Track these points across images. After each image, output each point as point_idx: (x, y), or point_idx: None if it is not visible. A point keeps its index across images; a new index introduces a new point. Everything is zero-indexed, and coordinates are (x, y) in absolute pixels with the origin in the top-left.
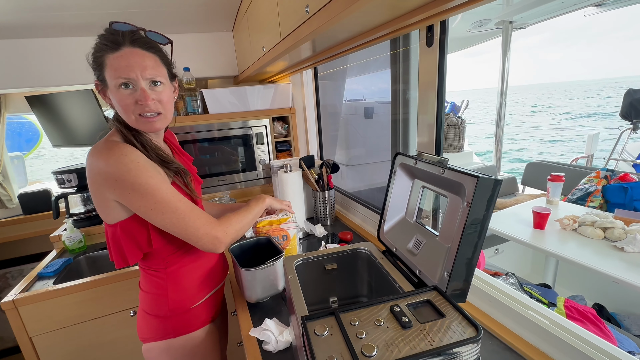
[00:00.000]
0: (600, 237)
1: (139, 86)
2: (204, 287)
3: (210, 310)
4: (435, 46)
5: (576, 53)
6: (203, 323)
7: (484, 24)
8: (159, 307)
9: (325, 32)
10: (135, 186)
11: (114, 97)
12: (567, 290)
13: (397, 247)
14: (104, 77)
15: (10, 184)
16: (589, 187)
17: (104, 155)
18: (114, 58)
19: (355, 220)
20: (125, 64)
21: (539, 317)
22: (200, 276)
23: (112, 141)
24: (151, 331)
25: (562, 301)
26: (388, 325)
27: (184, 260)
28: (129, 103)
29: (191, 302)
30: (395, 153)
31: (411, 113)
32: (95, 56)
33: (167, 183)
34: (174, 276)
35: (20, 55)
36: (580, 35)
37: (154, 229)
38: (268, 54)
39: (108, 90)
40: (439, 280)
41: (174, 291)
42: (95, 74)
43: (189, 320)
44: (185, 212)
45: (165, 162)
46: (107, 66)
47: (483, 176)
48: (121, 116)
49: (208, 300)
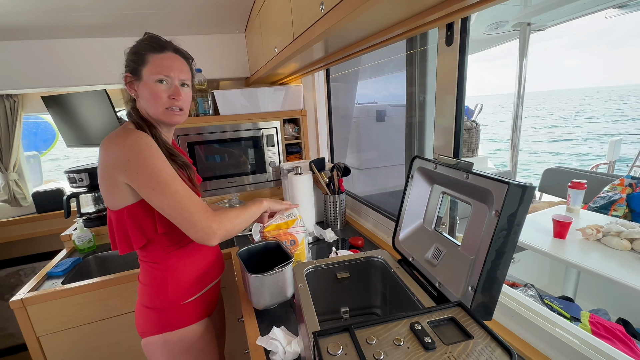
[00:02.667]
0: (627, 248)
1: (173, 84)
2: (201, 282)
3: (206, 305)
4: (455, 45)
5: (596, 59)
6: (199, 317)
7: (501, 26)
8: (158, 299)
9: (339, 30)
10: (144, 165)
11: (147, 89)
12: (588, 304)
13: (415, 256)
14: (140, 71)
15: (25, 183)
16: (613, 195)
17: (120, 140)
18: (158, 58)
19: (366, 225)
20: (168, 64)
21: (567, 335)
22: (198, 270)
23: (127, 129)
24: (149, 324)
25: (587, 316)
26: (409, 346)
27: (183, 253)
28: (162, 96)
29: (188, 295)
30: (412, 156)
31: (427, 116)
32: (138, 52)
33: (172, 169)
34: (173, 268)
35: (36, 55)
36: (599, 40)
37: (160, 215)
38: (280, 54)
39: (141, 83)
40: (463, 295)
41: (172, 283)
42: (128, 68)
43: (186, 313)
44: (184, 196)
45: (173, 155)
46: (148, 63)
47: (515, 182)
48: (148, 107)
49: (204, 295)
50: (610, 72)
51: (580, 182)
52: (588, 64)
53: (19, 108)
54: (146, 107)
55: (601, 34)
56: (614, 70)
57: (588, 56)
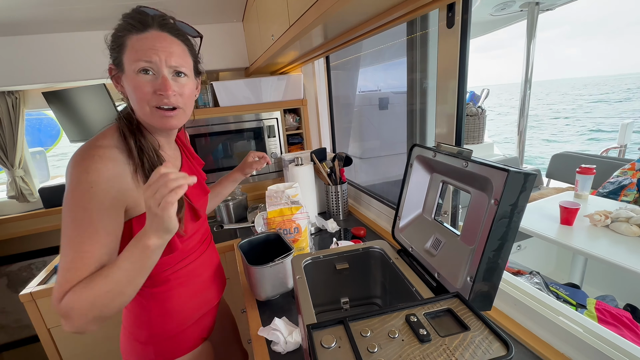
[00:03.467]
0: (636, 234)
1: (160, 73)
2: (194, 310)
3: (202, 330)
4: (456, 28)
5: (595, 47)
6: (192, 347)
7: (508, 7)
8: (139, 330)
9: (336, 14)
10: (68, 200)
11: (129, 84)
12: (595, 290)
13: (414, 246)
14: (121, 60)
15: (31, 178)
16: (623, 180)
17: (75, 161)
18: (138, 39)
19: (369, 215)
20: (150, 47)
21: (571, 323)
22: (192, 297)
23: (95, 147)
24: (131, 353)
25: (593, 303)
26: (403, 338)
27: (174, 279)
28: (146, 92)
29: (178, 327)
30: (412, 145)
31: (429, 103)
32: (115, 36)
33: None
34: (160, 298)
35: (35, 51)
36: (599, 29)
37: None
38: (277, 42)
39: (123, 75)
40: (462, 285)
41: (158, 315)
42: (111, 57)
43: (175, 345)
44: (61, 263)
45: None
46: (127, 47)
47: (514, 170)
48: (134, 108)
49: (199, 320)
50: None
51: (588, 167)
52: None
53: (21, 104)
54: (134, 109)
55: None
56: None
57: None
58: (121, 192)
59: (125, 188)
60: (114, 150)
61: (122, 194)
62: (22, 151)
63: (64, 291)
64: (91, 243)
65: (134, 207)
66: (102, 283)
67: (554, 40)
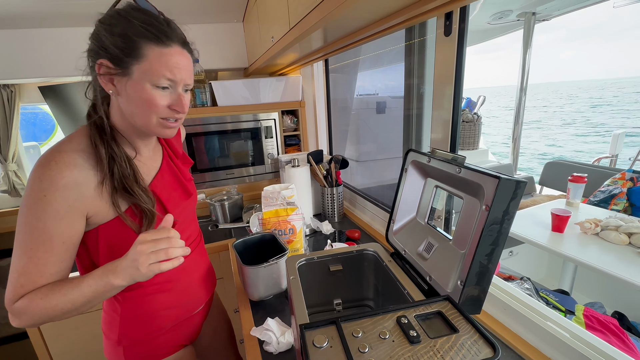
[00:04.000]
0: (625, 242)
1: (176, 90)
2: (170, 318)
3: (179, 338)
4: (453, 36)
5: (590, 51)
6: (166, 354)
7: (505, 16)
8: (110, 329)
9: (336, 19)
10: (22, 206)
11: (137, 92)
12: (584, 297)
13: (407, 249)
14: (129, 64)
15: (24, 173)
16: (613, 189)
17: (34, 167)
18: (162, 54)
19: (364, 218)
20: (174, 65)
21: (558, 328)
22: (169, 305)
23: (57, 151)
24: (107, 350)
25: (581, 309)
26: (394, 339)
27: (148, 285)
28: (160, 106)
29: (148, 334)
30: (407, 149)
31: (425, 108)
32: (128, 37)
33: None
34: (131, 303)
35: (32, 45)
36: (595, 33)
37: (104, 251)
38: (277, 44)
39: (129, 81)
40: (452, 289)
41: (127, 318)
42: (108, 53)
43: (144, 350)
44: (13, 265)
45: (127, 191)
46: (146, 57)
47: (505, 177)
48: (135, 114)
49: (175, 327)
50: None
51: (580, 176)
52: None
53: (16, 98)
54: (130, 114)
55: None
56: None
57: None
58: (80, 200)
59: (86, 196)
60: (77, 155)
61: (82, 202)
62: (16, 145)
63: (18, 295)
64: (44, 250)
65: (96, 214)
66: (59, 300)
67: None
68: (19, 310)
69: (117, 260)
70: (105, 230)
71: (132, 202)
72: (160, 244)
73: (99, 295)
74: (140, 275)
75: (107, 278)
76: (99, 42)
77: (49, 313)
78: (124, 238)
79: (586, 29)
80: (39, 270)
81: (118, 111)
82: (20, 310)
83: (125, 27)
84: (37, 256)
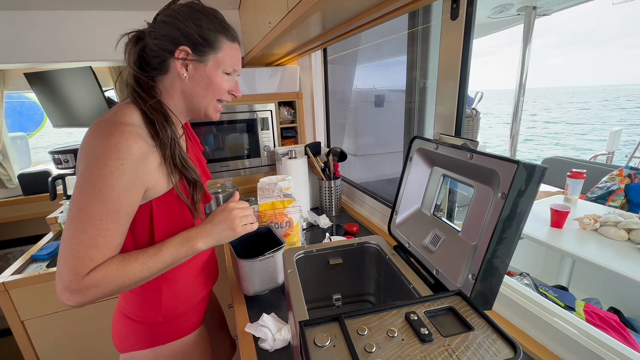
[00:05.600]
0: (623, 238)
1: (234, 78)
2: (199, 289)
3: (201, 312)
4: (460, 20)
5: (580, 58)
6: (194, 326)
7: (506, 9)
8: (150, 313)
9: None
10: (93, 176)
11: (208, 77)
12: (581, 293)
13: (411, 242)
14: (207, 53)
15: (10, 164)
16: (611, 186)
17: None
18: (232, 48)
19: (362, 212)
20: (239, 58)
21: (565, 324)
22: (196, 276)
23: (122, 123)
24: (135, 339)
25: (581, 305)
26: (403, 338)
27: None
28: (224, 89)
29: (185, 306)
30: (412, 137)
31: (428, 102)
32: (210, 30)
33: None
34: (171, 278)
35: (16, 28)
36: (585, 40)
37: (160, 224)
38: (274, 30)
39: (205, 67)
40: (463, 283)
41: (168, 295)
42: (189, 41)
43: (181, 324)
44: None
45: (186, 167)
46: (221, 49)
47: (524, 162)
48: (199, 95)
49: (200, 303)
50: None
51: (579, 172)
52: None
53: (0, 85)
54: (196, 95)
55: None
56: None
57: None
58: (146, 172)
59: (150, 168)
60: (140, 129)
61: (147, 174)
62: (1, 135)
63: (88, 268)
64: (113, 221)
65: (153, 188)
66: (137, 269)
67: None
68: (90, 284)
69: (195, 229)
70: (158, 205)
71: (182, 175)
72: (246, 211)
73: (178, 261)
74: (232, 235)
75: (190, 243)
76: (181, 31)
77: (124, 282)
78: (176, 209)
79: (575, 34)
80: (107, 242)
81: (178, 92)
82: (93, 283)
83: (208, 22)
84: (106, 227)
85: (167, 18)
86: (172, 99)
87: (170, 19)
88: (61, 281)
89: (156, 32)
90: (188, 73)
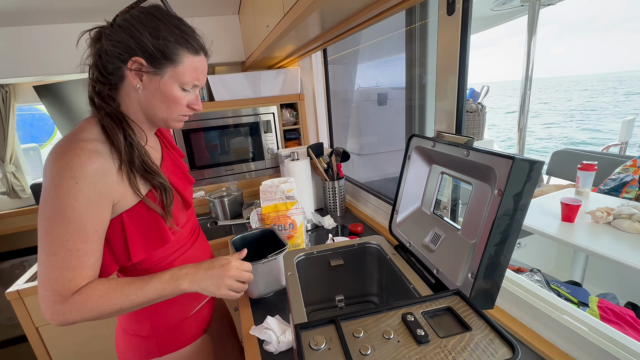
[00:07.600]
0: (638, 231)
1: (195, 92)
2: (193, 299)
3: (202, 322)
4: (457, 15)
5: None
6: (194, 337)
7: (509, 1)
8: (141, 326)
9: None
10: (51, 197)
11: (164, 91)
12: (596, 288)
13: (412, 241)
14: (164, 66)
15: (23, 175)
16: (624, 177)
17: (55, 156)
18: (193, 60)
19: (366, 211)
20: (202, 71)
21: (575, 322)
22: None
23: (77, 140)
24: (132, 351)
25: (595, 301)
26: (399, 339)
27: (174, 267)
28: (183, 104)
29: (180, 317)
30: (410, 135)
31: (428, 98)
32: (168, 42)
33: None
34: None
35: (24, 43)
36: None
37: (134, 236)
38: (273, 32)
39: (161, 80)
40: (462, 282)
41: (157, 307)
42: (144, 52)
43: (178, 336)
44: (50, 261)
45: (149, 172)
46: (181, 63)
47: (519, 157)
48: (157, 109)
49: (199, 312)
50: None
51: (590, 164)
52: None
53: (11, 98)
54: (152, 107)
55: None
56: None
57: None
58: (106, 186)
59: (111, 182)
60: (97, 143)
61: (108, 188)
62: (13, 146)
63: (69, 290)
64: (82, 241)
65: (121, 200)
66: (119, 299)
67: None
68: (72, 307)
69: (189, 268)
70: (129, 217)
71: (152, 184)
72: (243, 276)
73: (162, 297)
74: (214, 293)
75: (177, 283)
76: (136, 40)
77: (105, 310)
78: (149, 220)
79: (576, 23)
80: (80, 262)
81: (134, 102)
82: (75, 307)
83: (168, 32)
84: (76, 247)
85: (124, 23)
86: (130, 109)
87: (127, 25)
88: (44, 302)
89: (112, 36)
90: (142, 84)
